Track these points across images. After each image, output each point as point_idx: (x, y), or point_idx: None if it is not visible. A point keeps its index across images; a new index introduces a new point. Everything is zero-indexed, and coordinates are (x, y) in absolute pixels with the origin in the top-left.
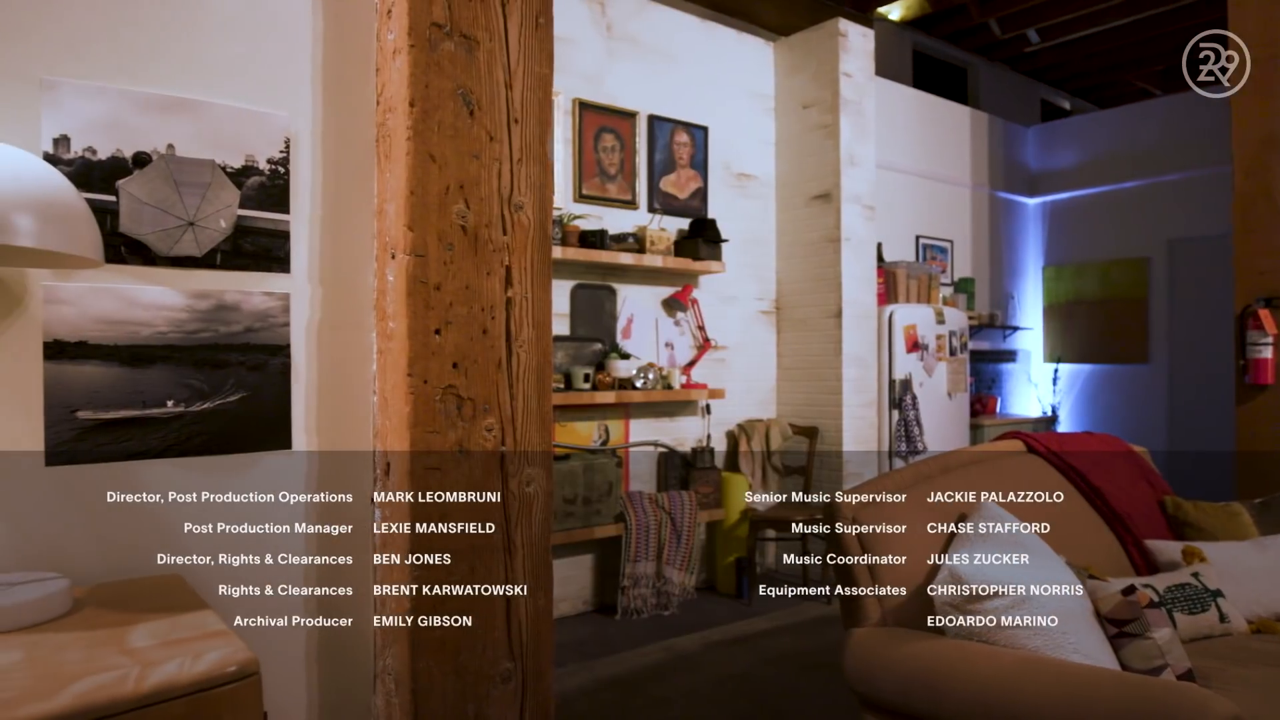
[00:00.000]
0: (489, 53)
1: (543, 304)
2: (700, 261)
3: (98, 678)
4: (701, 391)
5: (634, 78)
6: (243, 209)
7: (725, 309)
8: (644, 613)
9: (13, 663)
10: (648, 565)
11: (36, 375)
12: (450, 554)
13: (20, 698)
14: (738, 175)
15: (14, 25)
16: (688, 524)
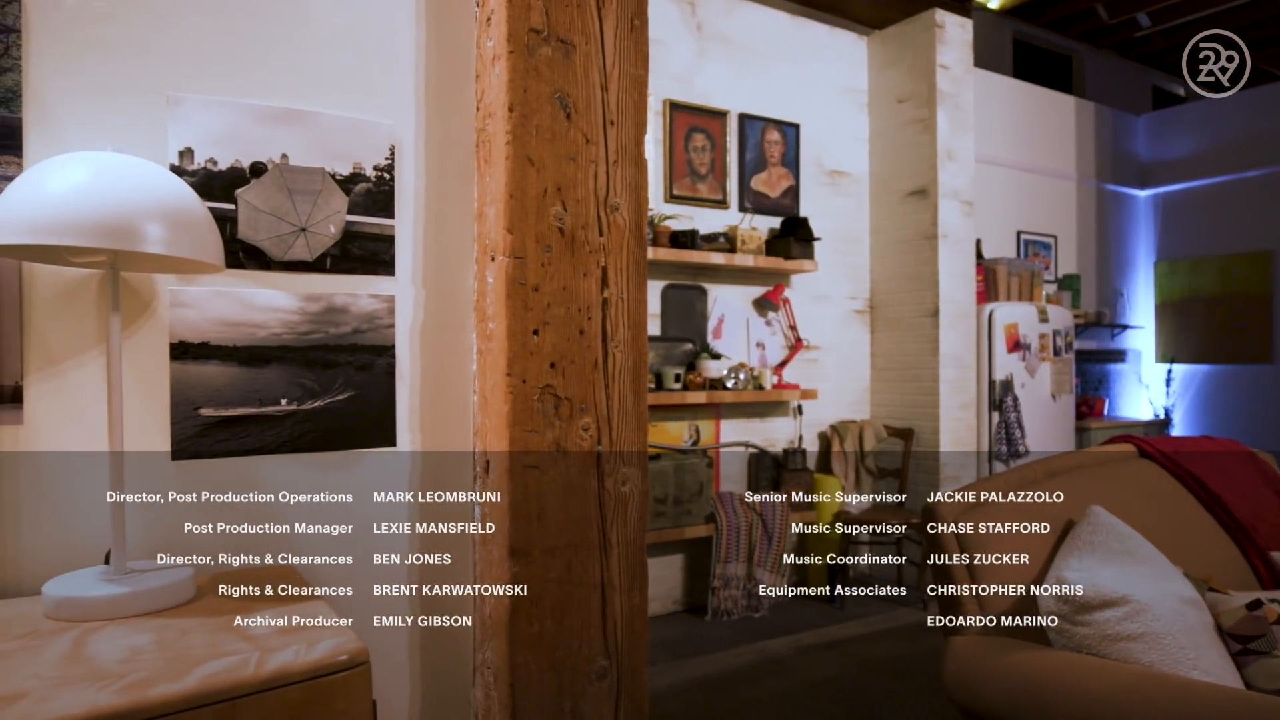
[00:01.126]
0: (585, 56)
1: (638, 304)
2: (792, 260)
3: (221, 662)
4: (793, 392)
5: (724, 77)
6: (351, 215)
7: (817, 308)
8: (734, 614)
9: (145, 644)
10: (738, 566)
11: (163, 374)
12: (547, 552)
13: (153, 678)
14: (830, 172)
15: (143, 46)
16: (779, 526)
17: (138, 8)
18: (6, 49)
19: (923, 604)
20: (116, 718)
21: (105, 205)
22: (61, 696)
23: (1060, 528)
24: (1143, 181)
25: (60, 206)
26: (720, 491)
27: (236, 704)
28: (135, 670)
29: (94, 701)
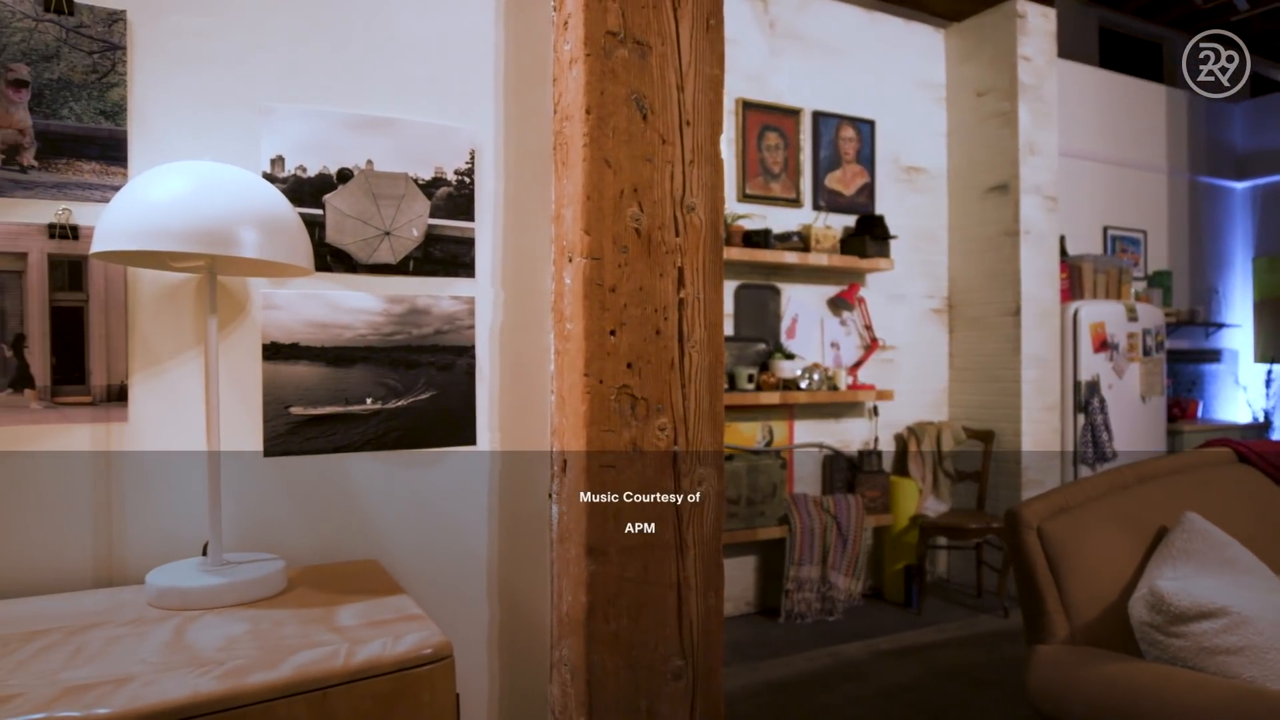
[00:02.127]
0: (661, 57)
1: (714, 305)
2: (867, 259)
3: (313, 652)
4: (869, 393)
5: (797, 74)
6: (432, 218)
7: (893, 308)
8: (808, 617)
9: (241, 633)
10: (812, 569)
11: (256, 374)
12: (623, 551)
13: (250, 666)
14: (906, 169)
15: (237, 59)
16: (854, 528)
17: (233, 23)
18: (114, 65)
19: (1003, 611)
20: (216, 703)
21: (204, 213)
22: (166, 681)
23: (1152, 535)
24: (1240, 173)
25: (162, 214)
26: (794, 493)
27: (328, 693)
28: (233, 658)
29: (195, 687)
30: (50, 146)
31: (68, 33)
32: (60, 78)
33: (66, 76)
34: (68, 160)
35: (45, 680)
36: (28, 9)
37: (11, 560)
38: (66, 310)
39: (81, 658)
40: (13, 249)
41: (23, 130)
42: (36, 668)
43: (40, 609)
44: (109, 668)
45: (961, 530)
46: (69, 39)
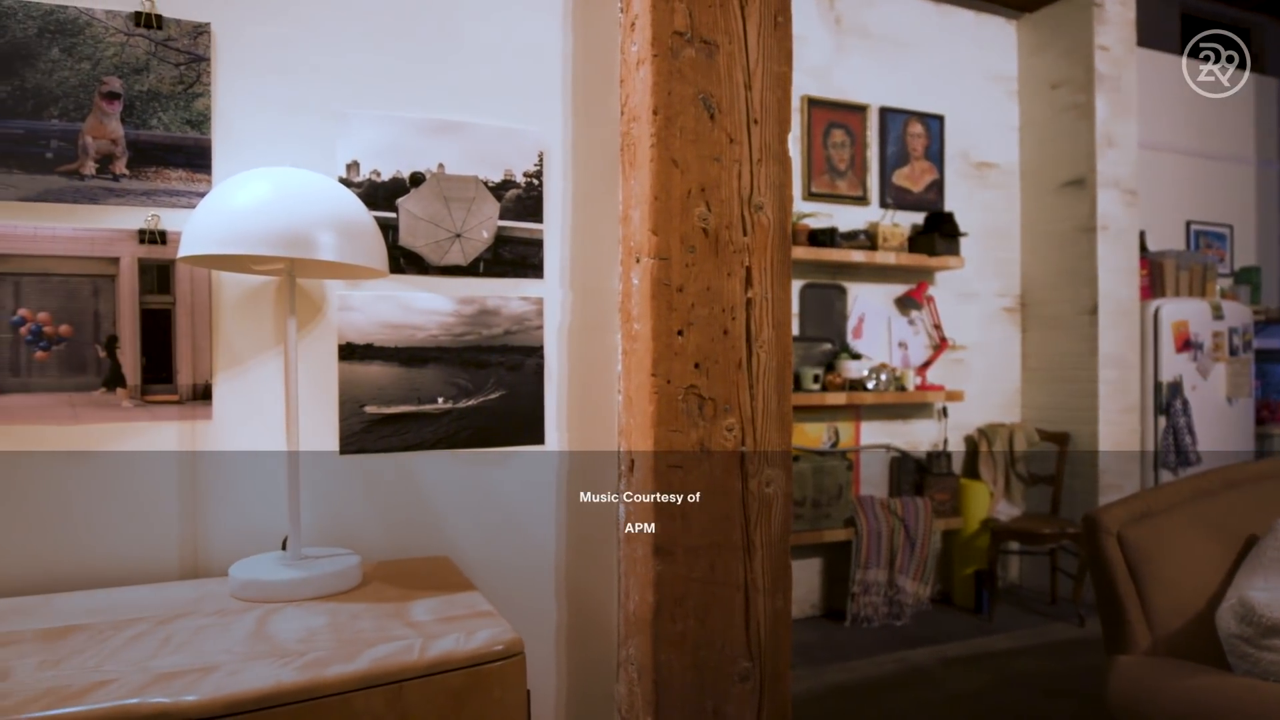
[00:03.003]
0: (729, 55)
1: (782, 304)
2: (936, 257)
3: (389, 646)
4: (938, 393)
5: (864, 70)
6: (502, 220)
7: (963, 306)
8: (874, 621)
9: (319, 626)
10: (879, 572)
11: (332, 373)
12: (690, 551)
13: (329, 658)
14: (977, 164)
15: (315, 68)
16: (922, 531)
17: (310, 33)
18: (199, 76)
19: (1079, 619)
20: (297, 693)
21: (284, 217)
22: (250, 670)
23: (1240, 543)
24: None
25: (245, 220)
26: (860, 495)
27: (403, 686)
28: (312, 649)
29: (278, 677)
30: (140, 155)
31: (156, 46)
32: (149, 89)
33: (155, 88)
34: (156, 168)
35: (137, 667)
36: (120, 24)
37: (104, 552)
38: (155, 312)
39: (170, 646)
40: (106, 254)
41: (115, 140)
42: (128, 655)
43: (131, 599)
44: (196, 656)
45: (1035, 535)
46: (158, 52)
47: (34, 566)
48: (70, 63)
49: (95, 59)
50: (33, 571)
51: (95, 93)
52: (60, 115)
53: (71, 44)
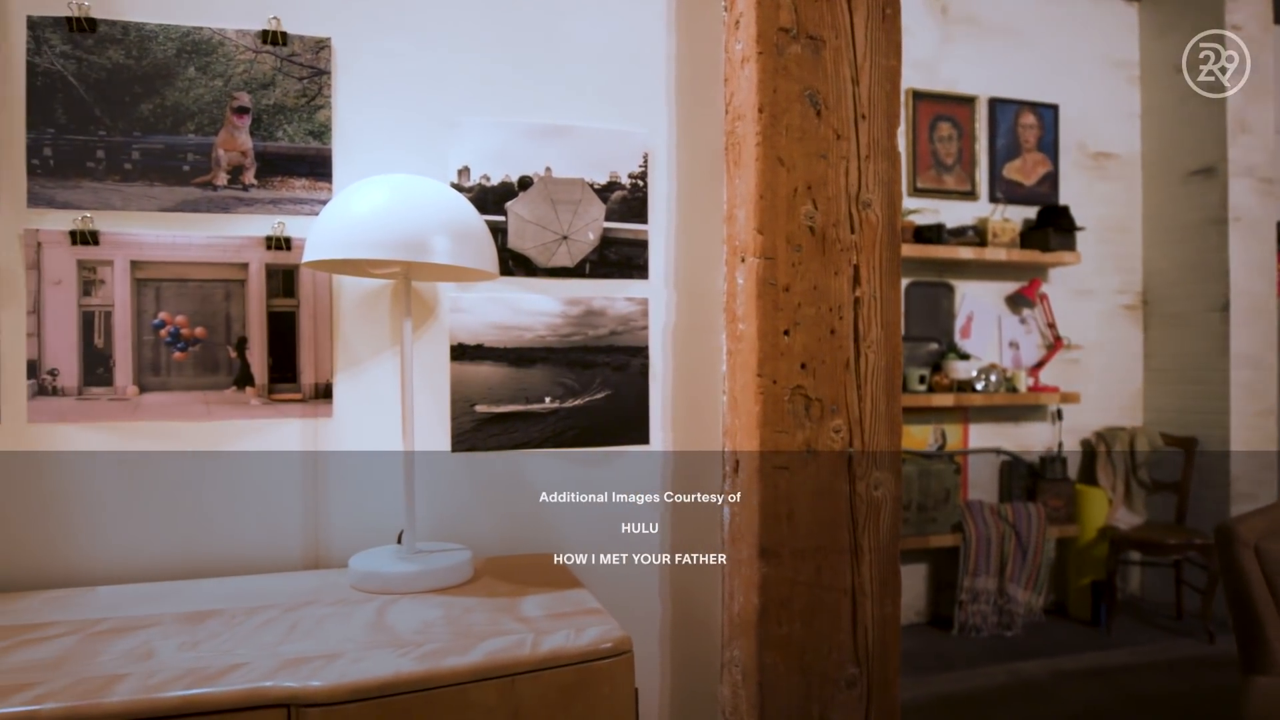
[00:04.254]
0: (835, 50)
1: (891, 303)
2: (1050, 253)
3: (501, 640)
4: (1052, 395)
5: (972, 60)
6: (607, 221)
7: (1079, 304)
8: (983, 630)
9: (435, 619)
10: (988, 580)
11: (444, 373)
12: (796, 554)
13: (445, 650)
14: (1094, 155)
15: (428, 77)
16: (1035, 539)
17: (424, 44)
18: (320, 89)
19: (1208, 635)
20: (416, 683)
21: (401, 223)
22: (371, 658)
23: None
24: None
25: (364, 226)
26: (969, 500)
27: (516, 680)
28: (429, 641)
29: (397, 666)
30: (267, 166)
31: (282, 61)
32: (275, 103)
33: (280, 102)
34: (281, 178)
35: (267, 651)
36: (249, 43)
37: (235, 541)
38: (281, 315)
39: (297, 633)
40: (237, 260)
41: (245, 152)
42: (259, 639)
43: (259, 586)
44: (321, 643)
45: (1159, 545)
46: (283, 67)
47: (172, 554)
48: (204, 80)
49: (227, 76)
50: (170, 559)
51: (227, 108)
52: (196, 130)
53: (206, 63)
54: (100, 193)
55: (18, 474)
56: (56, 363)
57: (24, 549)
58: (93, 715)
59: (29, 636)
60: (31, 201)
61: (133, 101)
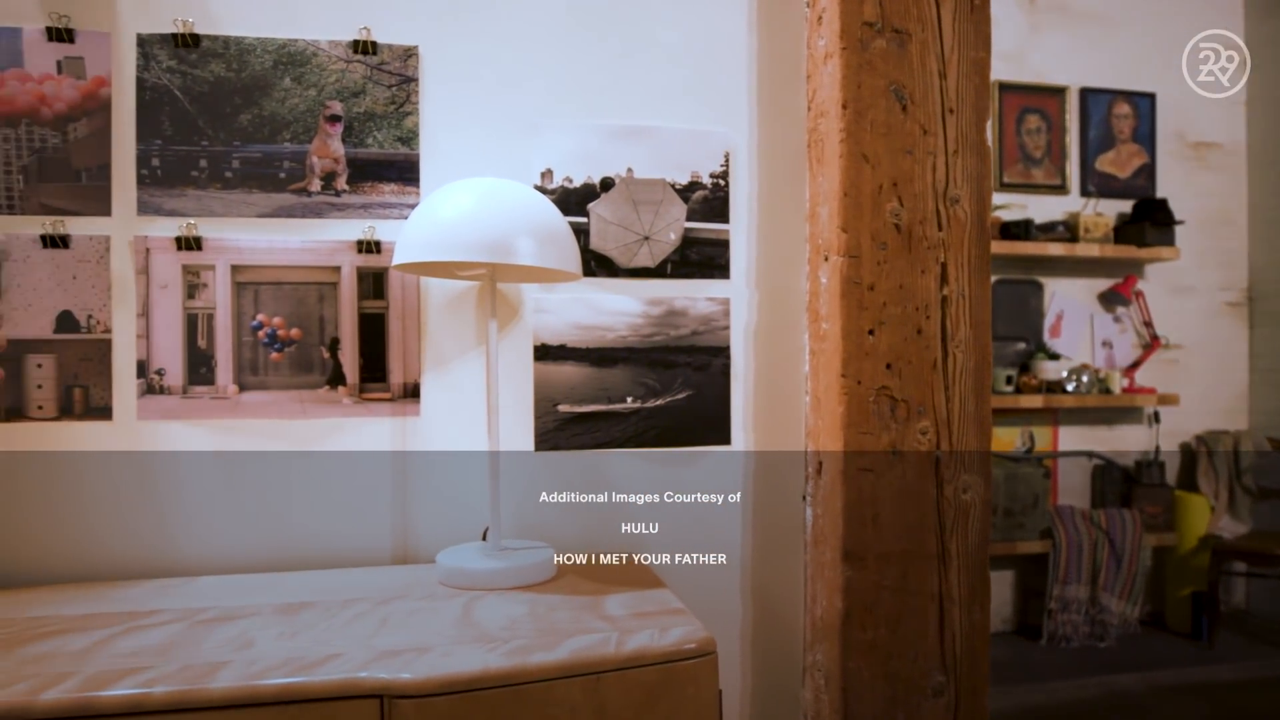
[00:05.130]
0: (921, 44)
1: (981, 301)
2: (1147, 248)
3: (586, 638)
4: (1148, 397)
5: (1061, 50)
6: (689, 221)
7: (1178, 301)
8: (1073, 641)
9: (520, 615)
10: (1079, 589)
11: (528, 373)
12: (881, 558)
13: (531, 646)
14: (1194, 145)
15: (512, 81)
16: (1130, 547)
17: (508, 48)
18: (408, 96)
19: None
20: (503, 678)
21: (487, 225)
22: (459, 653)
23: None
24: None
25: (451, 229)
26: (1059, 505)
27: (601, 678)
28: (515, 637)
29: (485, 662)
30: (358, 172)
31: (371, 70)
32: (366, 110)
33: (370, 109)
34: (371, 183)
35: (361, 643)
36: (340, 53)
37: (327, 535)
38: (371, 316)
39: (389, 626)
40: (329, 263)
41: (337, 159)
42: (352, 631)
43: (351, 580)
44: (411, 637)
45: (1268, 556)
46: (372, 76)
47: (268, 547)
48: (299, 90)
49: (320, 86)
50: (266, 551)
51: (320, 116)
52: (291, 138)
53: (300, 73)
54: (203, 200)
55: (130, 470)
56: (163, 362)
57: (135, 539)
58: (198, 700)
59: (139, 623)
60: (141, 210)
61: (233, 112)
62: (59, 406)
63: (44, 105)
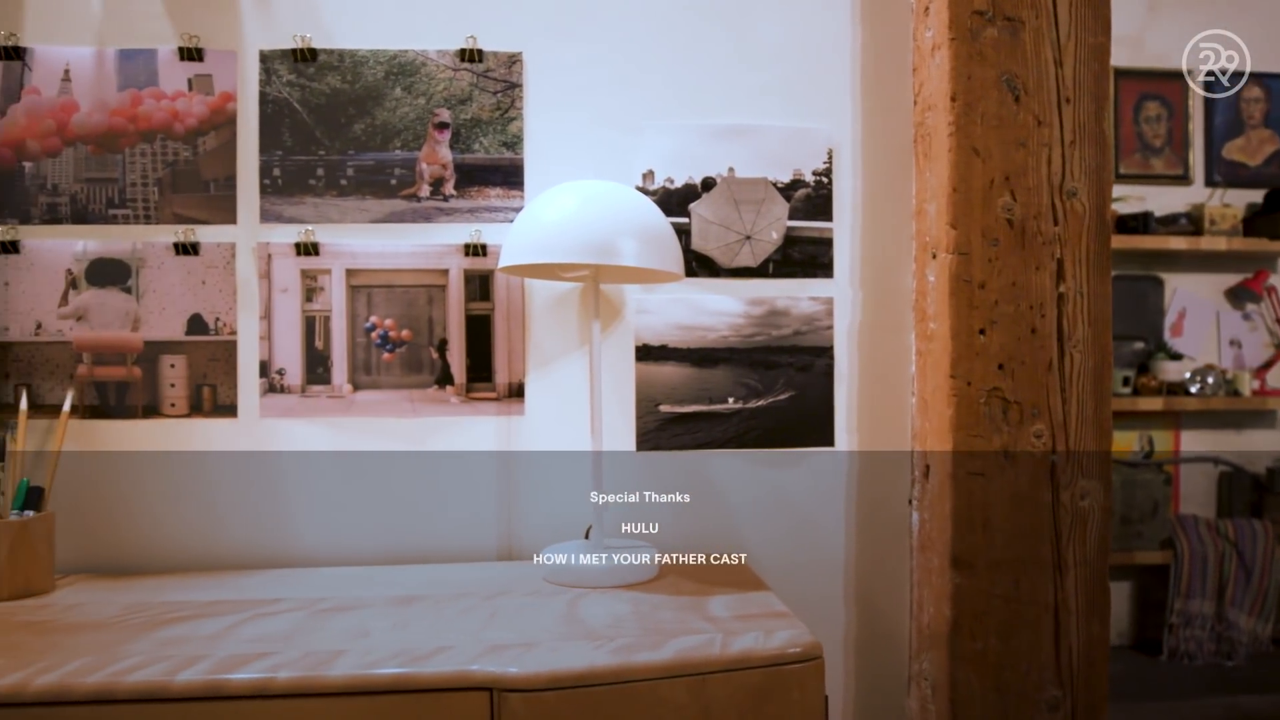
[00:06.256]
0: (1035, 31)
1: (1100, 299)
2: None
3: (691, 638)
4: None
5: (1183, 32)
6: (791, 220)
7: None
8: (1197, 658)
9: (624, 614)
10: (1204, 604)
11: (629, 373)
12: (992, 565)
13: (636, 645)
14: None
15: (614, 84)
16: (1261, 560)
17: (609, 53)
18: (513, 102)
19: None
20: (610, 676)
21: (590, 227)
22: (566, 649)
23: None
24: None
25: (556, 231)
26: (1180, 514)
27: (706, 679)
28: (620, 635)
29: (592, 659)
30: (465, 177)
31: (478, 78)
32: (472, 117)
33: (477, 115)
34: (478, 188)
35: (471, 636)
36: (448, 61)
37: (437, 530)
38: (478, 318)
39: (497, 620)
40: (438, 266)
41: (445, 165)
42: (462, 624)
43: (459, 575)
44: (519, 632)
45: None
46: (479, 83)
47: (380, 540)
48: (409, 99)
49: (429, 94)
50: (380, 544)
51: (429, 124)
52: (402, 146)
53: (410, 83)
54: (320, 207)
55: (253, 465)
56: (284, 363)
57: (257, 531)
58: (319, 686)
59: (263, 610)
60: (263, 217)
61: (347, 122)
62: (189, 404)
63: (176, 121)
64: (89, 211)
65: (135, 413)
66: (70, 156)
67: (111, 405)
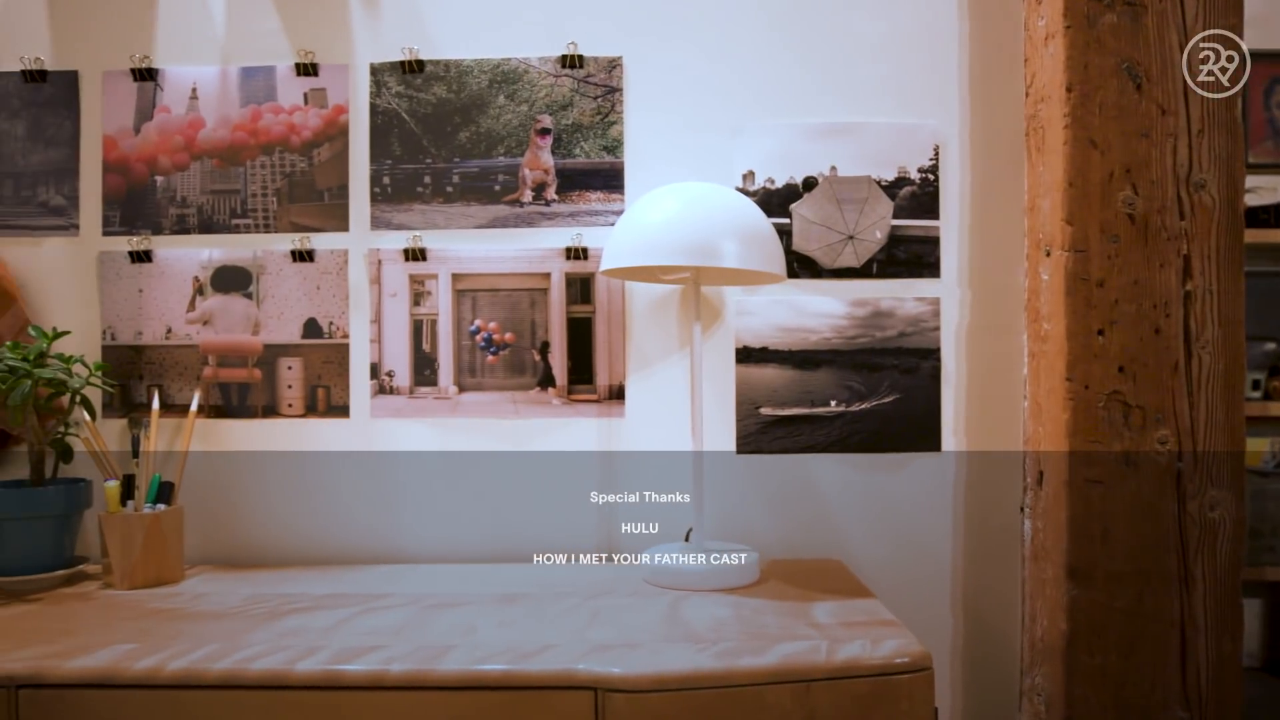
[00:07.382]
0: (1159, 15)
1: (1231, 297)
2: None
3: (795, 644)
4: None
5: None
6: (895, 219)
7: None
8: None
9: (726, 617)
10: None
11: (730, 376)
12: (1112, 577)
13: (739, 649)
14: None
15: (713, 85)
16: None
17: (707, 55)
18: (613, 106)
19: None
20: (714, 679)
21: (691, 229)
22: (669, 651)
23: None
24: None
25: (657, 234)
26: None
27: (811, 686)
28: (723, 639)
29: (695, 662)
30: (566, 181)
31: (578, 83)
32: (573, 122)
33: (578, 120)
34: (579, 192)
35: (574, 636)
36: (549, 68)
37: (540, 530)
38: (579, 320)
39: (599, 620)
40: (540, 270)
41: (547, 170)
42: (565, 624)
43: (560, 575)
44: (621, 632)
45: None
46: (579, 88)
47: (485, 538)
48: (512, 106)
49: (531, 101)
50: (484, 543)
51: (531, 130)
52: (505, 152)
53: (513, 90)
54: (427, 214)
55: (366, 464)
56: (393, 365)
57: (368, 527)
58: (430, 680)
59: (375, 604)
60: (374, 225)
61: (453, 131)
62: (305, 404)
63: (293, 133)
64: (214, 222)
65: (256, 412)
66: (197, 170)
67: (234, 405)
